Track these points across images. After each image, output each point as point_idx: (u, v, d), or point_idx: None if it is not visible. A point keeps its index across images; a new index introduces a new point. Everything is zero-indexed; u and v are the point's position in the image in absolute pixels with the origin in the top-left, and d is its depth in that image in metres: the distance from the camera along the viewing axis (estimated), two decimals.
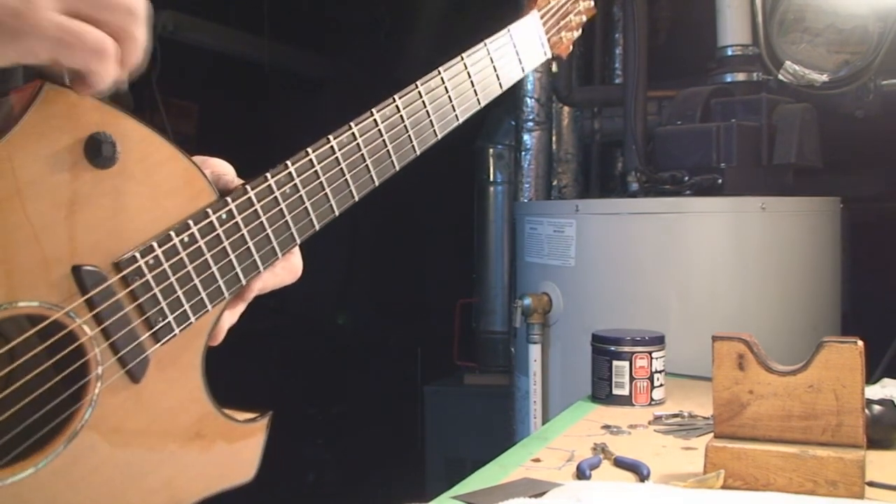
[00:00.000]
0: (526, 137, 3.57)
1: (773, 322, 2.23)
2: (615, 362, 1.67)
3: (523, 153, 3.61)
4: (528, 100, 3.53)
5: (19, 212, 0.66)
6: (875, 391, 1.49)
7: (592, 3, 1.28)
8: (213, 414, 0.80)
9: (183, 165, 0.76)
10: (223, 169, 0.82)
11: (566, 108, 3.66)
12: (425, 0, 4.98)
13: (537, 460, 1.31)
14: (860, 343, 1.11)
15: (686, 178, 2.47)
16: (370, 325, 5.18)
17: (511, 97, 3.66)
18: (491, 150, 4.22)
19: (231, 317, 0.83)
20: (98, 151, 0.69)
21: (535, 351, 2.45)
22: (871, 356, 1.15)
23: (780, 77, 2.65)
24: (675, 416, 1.57)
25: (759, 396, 1.14)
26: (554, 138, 3.69)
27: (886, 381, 1.61)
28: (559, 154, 3.69)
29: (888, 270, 2.84)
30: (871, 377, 1.68)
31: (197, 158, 0.79)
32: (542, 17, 1.17)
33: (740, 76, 2.72)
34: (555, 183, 3.68)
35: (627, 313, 2.21)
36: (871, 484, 1.12)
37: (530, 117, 3.55)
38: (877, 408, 1.30)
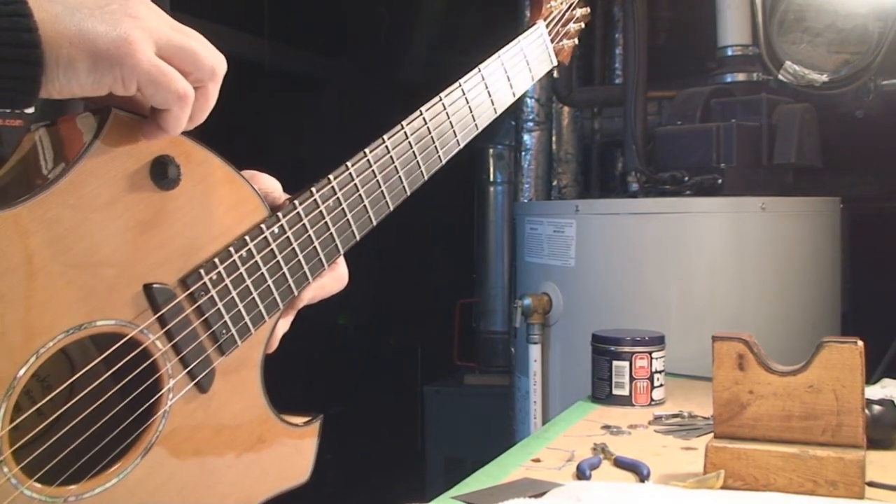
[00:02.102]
0: (526, 137, 3.57)
1: (773, 322, 2.23)
2: (615, 362, 1.67)
3: (523, 153, 3.61)
4: (528, 100, 3.53)
5: (94, 234, 0.68)
6: (875, 391, 1.49)
7: (588, 10, 1.32)
8: (272, 419, 0.84)
9: (238, 184, 0.80)
10: (271, 185, 0.87)
11: (566, 108, 3.66)
12: (425, 0, 4.98)
13: (537, 460, 1.31)
14: (860, 343, 1.11)
15: (686, 178, 2.47)
16: (370, 325, 5.18)
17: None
18: (491, 150, 4.22)
19: (284, 325, 0.87)
20: (164, 174, 0.72)
21: (535, 351, 2.45)
22: (871, 356, 1.15)
23: (780, 77, 2.65)
24: (675, 416, 1.57)
25: (759, 396, 1.14)
26: (554, 138, 3.69)
27: (886, 381, 1.61)
28: (559, 154, 3.69)
29: (888, 270, 2.84)
30: (871, 377, 1.68)
31: (246, 173, 0.83)
32: (547, 27, 1.22)
33: (740, 76, 2.72)
34: (555, 183, 3.68)
35: (627, 313, 2.21)
36: (871, 484, 1.12)
37: (530, 117, 3.56)
38: (877, 408, 1.30)
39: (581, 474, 1.24)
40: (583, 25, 1.31)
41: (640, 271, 2.27)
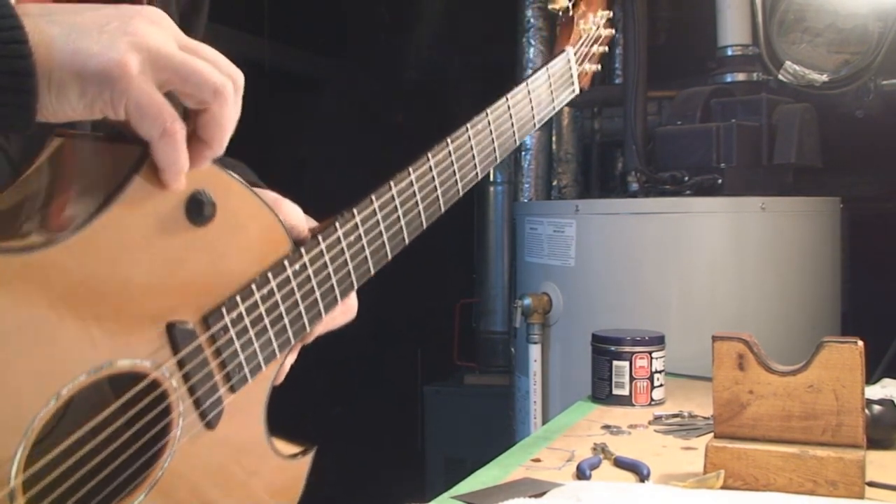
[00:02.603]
0: (526, 137, 3.57)
1: (773, 322, 2.23)
2: (615, 362, 1.67)
3: (523, 153, 3.61)
4: None
5: (123, 274, 0.67)
6: (875, 391, 1.49)
7: (613, 31, 1.29)
8: (270, 453, 0.84)
9: (267, 219, 0.78)
10: (294, 216, 0.85)
11: (566, 108, 3.66)
12: (425, 0, 4.98)
13: (537, 460, 1.31)
14: (860, 343, 1.11)
15: (686, 178, 2.47)
16: (370, 325, 5.18)
17: None
18: None
19: (292, 357, 0.86)
20: (199, 211, 0.71)
21: (535, 351, 2.45)
22: (871, 356, 1.15)
23: (780, 77, 2.65)
24: (675, 416, 1.57)
25: (759, 396, 1.14)
26: (554, 138, 3.69)
27: (886, 381, 1.61)
28: (559, 154, 3.69)
29: (888, 270, 2.83)
30: (871, 377, 1.68)
31: (268, 196, 0.81)
32: (575, 53, 1.19)
33: (740, 76, 2.72)
34: (555, 183, 3.68)
35: (627, 313, 2.21)
36: (871, 484, 1.12)
37: None
38: (877, 408, 1.30)
39: (581, 474, 1.24)
40: (605, 49, 1.27)
41: (640, 271, 2.27)
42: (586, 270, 2.35)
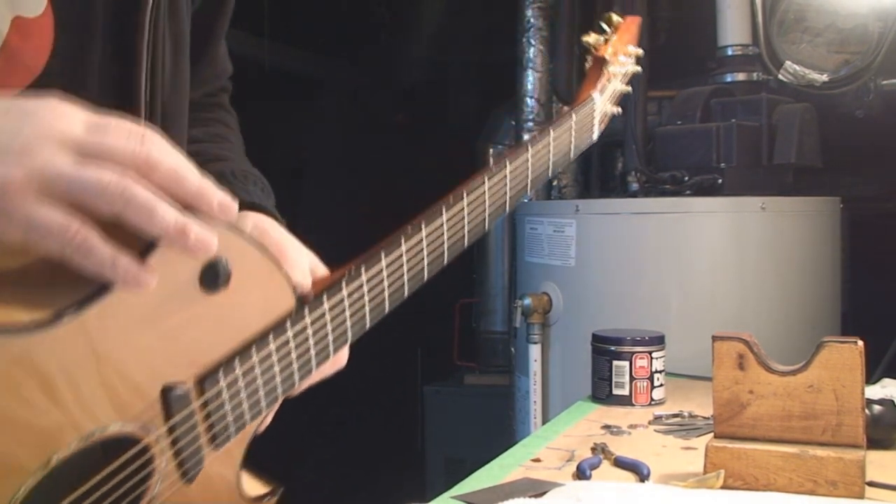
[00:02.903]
0: (526, 137, 3.57)
1: (773, 322, 2.23)
2: (615, 362, 1.67)
3: None
4: (528, 99, 3.53)
5: (133, 342, 0.66)
6: (875, 391, 1.49)
7: (640, 69, 1.23)
8: (239, 498, 0.82)
9: (275, 278, 0.75)
10: (300, 273, 0.82)
11: (566, 109, 3.66)
12: (425, 0, 4.98)
13: (537, 460, 1.31)
14: (860, 343, 1.11)
15: (686, 178, 2.47)
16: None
17: (511, 97, 3.66)
18: (491, 150, 4.22)
19: (275, 406, 0.84)
20: (214, 281, 0.69)
21: (535, 351, 2.45)
22: (871, 356, 1.15)
23: (781, 77, 2.65)
24: (675, 416, 1.57)
25: (760, 396, 1.14)
26: None
27: (886, 381, 1.61)
28: None
29: (888, 270, 2.83)
30: (871, 377, 1.68)
31: (274, 240, 0.79)
32: (600, 98, 1.13)
33: (740, 76, 2.72)
34: (555, 183, 3.67)
35: (627, 313, 2.21)
36: (871, 484, 1.12)
37: (530, 117, 3.55)
38: (877, 408, 1.30)
39: (581, 474, 1.24)
40: (630, 88, 1.21)
41: (640, 271, 2.27)
42: (586, 270, 2.35)
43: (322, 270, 0.89)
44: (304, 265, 0.84)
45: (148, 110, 0.85)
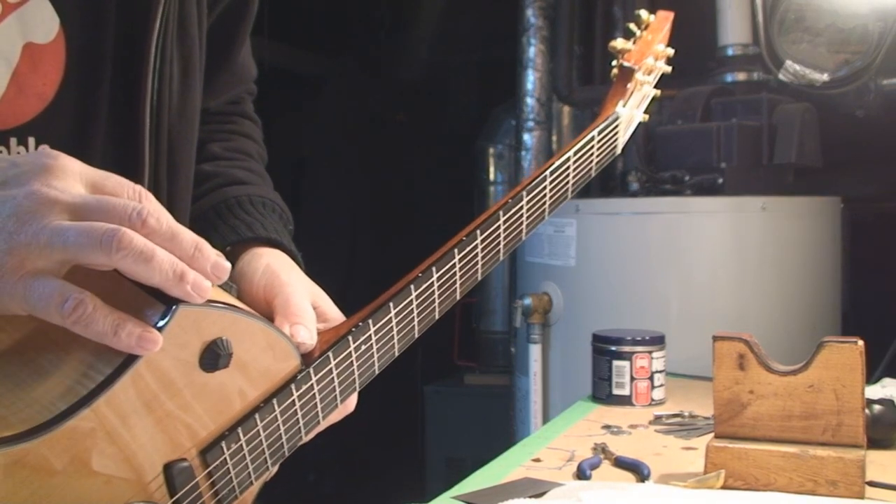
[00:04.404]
0: (526, 137, 3.57)
1: (773, 322, 2.23)
2: (615, 362, 1.67)
3: (523, 153, 3.61)
4: (529, 99, 3.53)
5: (137, 427, 0.65)
6: (875, 391, 1.49)
7: (669, 68, 1.16)
8: None
9: (280, 347, 0.74)
10: (305, 333, 0.77)
11: (566, 108, 3.66)
12: (425, 0, 4.98)
13: (537, 460, 1.31)
14: (860, 343, 1.11)
15: (686, 178, 2.47)
16: None
17: (511, 97, 3.66)
18: (491, 150, 4.22)
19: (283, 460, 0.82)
20: (214, 363, 0.68)
21: (535, 351, 2.45)
22: (871, 356, 1.15)
23: (781, 77, 2.65)
24: (676, 416, 1.57)
25: (760, 396, 1.14)
26: (554, 138, 3.68)
27: (886, 380, 1.61)
28: None
29: (888, 270, 2.83)
30: (871, 377, 1.68)
31: (280, 297, 0.77)
32: (625, 111, 1.07)
33: (741, 76, 2.72)
34: None
35: (627, 313, 2.21)
36: (871, 484, 1.12)
37: (530, 117, 3.55)
38: (877, 408, 1.30)
39: (581, 474, 1.24)
40: (658, 92, 1.15)
41: (640, 271, 2.27)
42: (586, 270, 2.35)
43: (331, 311, 0.85)
44: (311, 315, 0.80)
45: (153, 138, 0.83)
